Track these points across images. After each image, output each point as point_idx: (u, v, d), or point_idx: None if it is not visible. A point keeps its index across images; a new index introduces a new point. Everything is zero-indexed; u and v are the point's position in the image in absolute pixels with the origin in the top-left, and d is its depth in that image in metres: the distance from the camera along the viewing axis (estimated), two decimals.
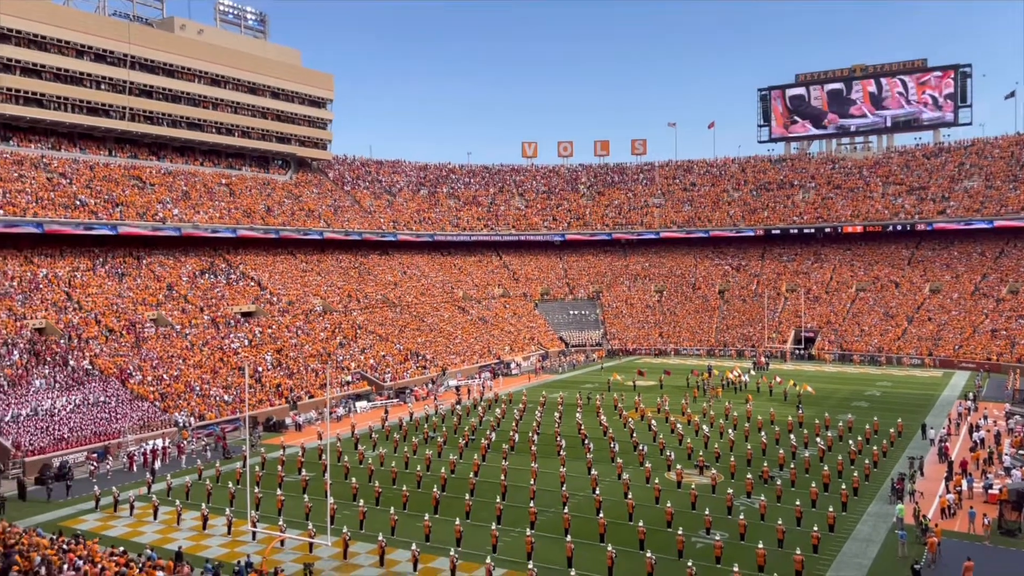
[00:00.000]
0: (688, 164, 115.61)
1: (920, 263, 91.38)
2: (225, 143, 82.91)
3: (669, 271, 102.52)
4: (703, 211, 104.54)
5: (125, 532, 31.99)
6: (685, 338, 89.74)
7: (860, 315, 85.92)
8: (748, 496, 34.46)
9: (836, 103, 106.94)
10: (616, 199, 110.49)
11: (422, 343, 75.24)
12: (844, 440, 44.41)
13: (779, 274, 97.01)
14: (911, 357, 76.82)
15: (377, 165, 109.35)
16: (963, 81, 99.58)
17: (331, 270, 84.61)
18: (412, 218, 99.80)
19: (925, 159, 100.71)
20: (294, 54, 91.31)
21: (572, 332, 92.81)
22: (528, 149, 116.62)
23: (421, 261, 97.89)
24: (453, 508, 32.80)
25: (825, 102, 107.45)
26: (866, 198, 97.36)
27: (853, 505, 33.33)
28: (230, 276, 72.52)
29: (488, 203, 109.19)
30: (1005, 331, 75.08)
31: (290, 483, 37.90)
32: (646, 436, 46.27)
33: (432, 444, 45.53)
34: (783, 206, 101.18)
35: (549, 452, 42.78)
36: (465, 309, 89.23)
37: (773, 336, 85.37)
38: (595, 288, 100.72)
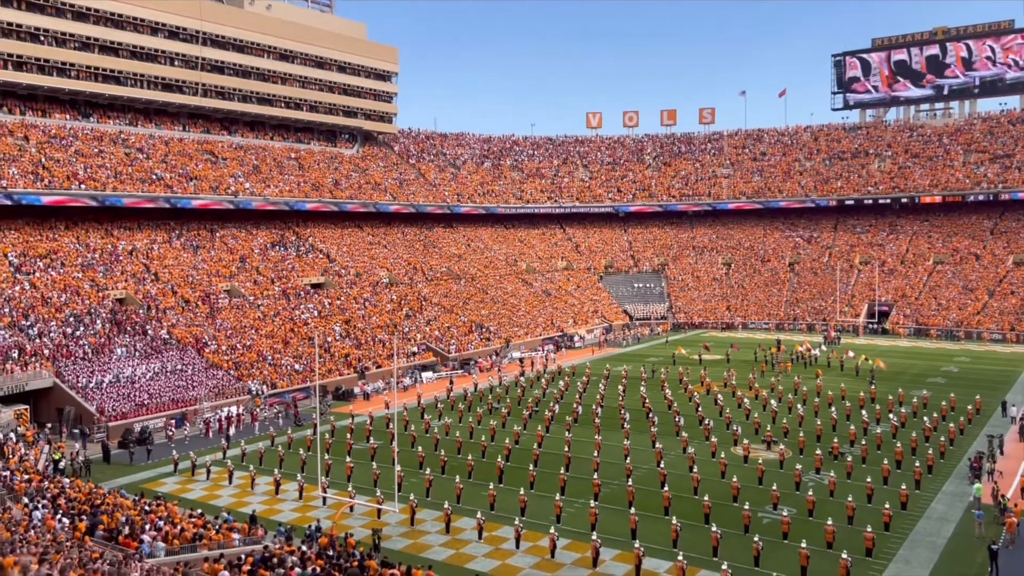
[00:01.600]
0: (758, 133, 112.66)
1: (1003, 234, 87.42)
2: (293, 117, 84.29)
3: (737, 243, 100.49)
4: (773, 181, 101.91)
5: (202, 495, 33.28)
6: (753, 311, 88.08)
7: (937, 288, 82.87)
8: (817, 472, 33.82)
9: (916, 68, 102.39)
10: (683, 170, 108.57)
11: (486, 315, 75.71)
12: (919, 417, 43.08)
13: (852, 246, 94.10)
14: (992, 332, 73.87)
15: (441, 138, 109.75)
16: None
17: (397, 243, 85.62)
18: (476, 191, 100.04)
19: (1011, 125, 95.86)
20: (359, 27, 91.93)
21: (636, 305, 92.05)
22: (592, 120, 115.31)
23: (485, 234, 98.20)
24: (517, 478, 33.11)
25: (905, 66, 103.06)
26: (946, 167, 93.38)
27: (927, 483, 32.43)
28: (300, 248, 74.08)
29: (552, 175, 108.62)
30: None
31: (359, 451, 38.79)
32: (712, 410, 45.74)
33: (496, 415, 45.95)
34: (857, 176, 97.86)
35: (613, 425, 42.72)
36: (528, 282, 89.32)
37: (845, 310, 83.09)
38: (660, 261, 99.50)
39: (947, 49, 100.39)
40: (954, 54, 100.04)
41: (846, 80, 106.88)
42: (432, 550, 26.79)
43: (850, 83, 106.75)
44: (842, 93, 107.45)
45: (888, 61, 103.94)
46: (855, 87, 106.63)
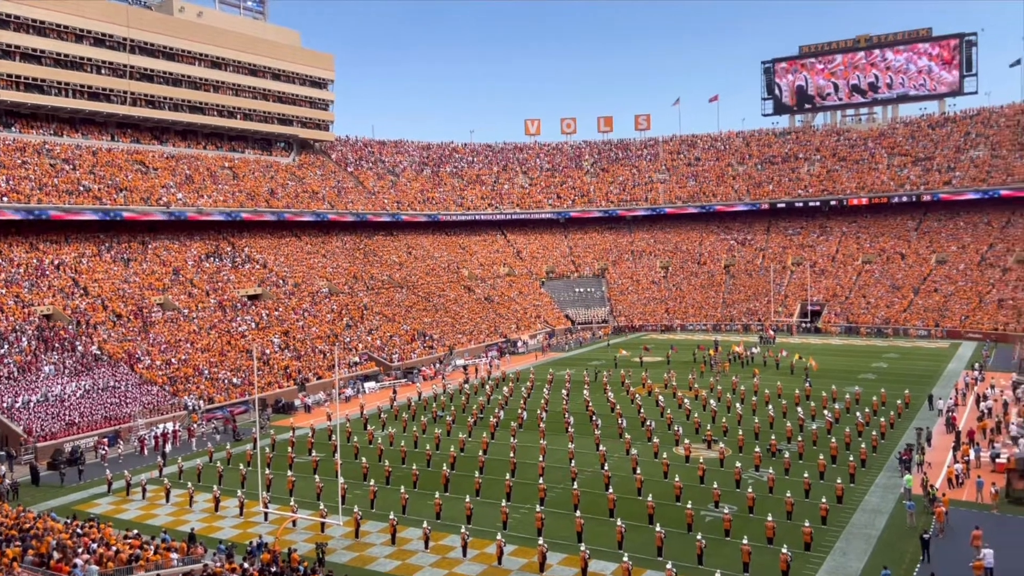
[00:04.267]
0: (692, 139, 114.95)
1: (926, 234, 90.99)
2: (227, 126, 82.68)
3: (674, 247, 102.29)
4: (708, 186, 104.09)
5: (138, 515, 32.31)
6: (691, 313, 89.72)
7: (866, 287, 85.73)
8: (756, 469, 34.60)
9: (840, 75, 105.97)
10: (620, 175, 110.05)
11: (428, 323, 75.39)
12: (851, 412, 44.45)
13: (785, 248, 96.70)
14: (917, 328, 76.73)
15: (380, 145, 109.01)
16: (968, 50, 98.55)
17: (336, 252, 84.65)
18: (416, 198, 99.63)
19: (930, 129, 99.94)
20: (293, 35, 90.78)
21: (578, 309, 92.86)
22: (531, 127, 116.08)
23: (426, 241, 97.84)
24: (463, 486, 33.03)
25: (829, 74, 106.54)
26: (871, 170, 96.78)
27: (861, 476, 33.47)
28: (235, 259, 72.62)
29: (492, 182, 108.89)
30: (1012, 301, 74.87)
31: (301, 464, 38.18)
32: (654, 411, 46.43)
33: (441, 423, 45.78)
34: (788, 179, 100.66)
35: (557, 429, 42.97)
36: (471, 288, 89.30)
37: (779, 310, 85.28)
38: (600, 265, 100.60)
39: (870, 56, 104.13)
40: (877, 60, 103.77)
41: (775, 87, 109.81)
42: (378, 562, 26.53)
43: (780, 88, 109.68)
44: (772, 99, 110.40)
45: (815, 67, 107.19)
46: (785, 94, 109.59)
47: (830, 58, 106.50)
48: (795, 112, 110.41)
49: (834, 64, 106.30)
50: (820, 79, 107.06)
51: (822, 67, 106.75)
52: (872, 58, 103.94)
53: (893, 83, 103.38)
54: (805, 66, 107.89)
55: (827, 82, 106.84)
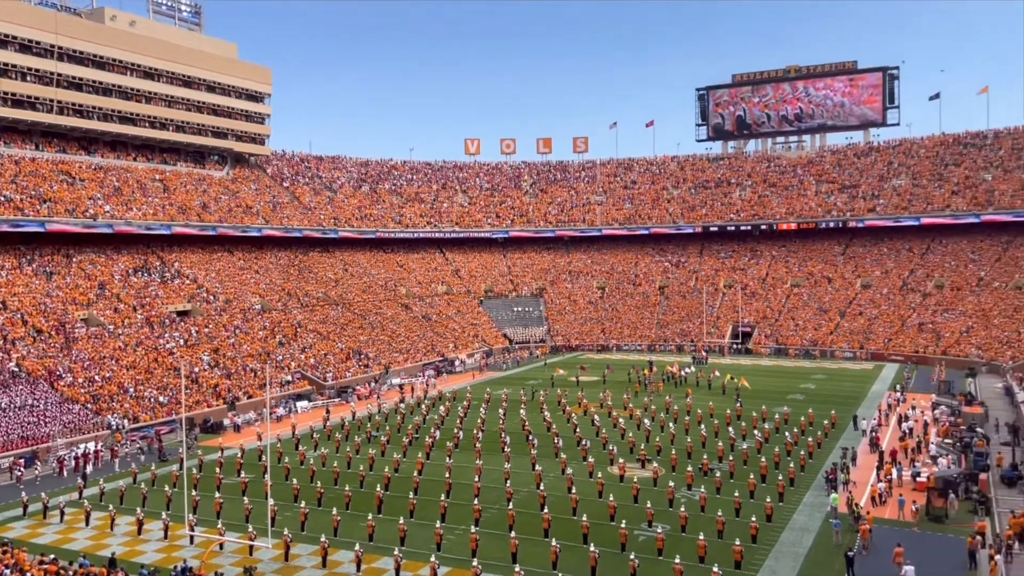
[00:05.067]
0: (629, 162, 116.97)
1: (852, 259, 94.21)
2: (159, 138, 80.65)
3: (611, 268, 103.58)
4: (643, 208, 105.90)
5: (55, 539, 30.90)
6: (626, 334, 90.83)
7: (795, 310, 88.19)
8: (689, 488, 35.07)
9: (771, 103, 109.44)
10: (559, 196, 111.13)
11: (364, 341, 74.50)
12: (781, 432, 45.52)
13: (717, 270, 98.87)
14: (843, 350, 79.18)
15: (317, 161, 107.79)
16: (890, 83, 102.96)
17: (270, 268, 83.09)
18: (353, 215, 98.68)
19: (856, 158, 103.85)
20: (230, 47, 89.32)
21: (516, 329, 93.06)
22: (471, 146, 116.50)
23: (363, 258, 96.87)
24: (397, 507, 32.58)
25: (761, 102, 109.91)
26: (800, 196, 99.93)
27: (789, 495, 34.20)
28: (164, 274, 70.63)
29: (431, 200, 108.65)
30: (931, 324, 77.99)
31: (229, 485, 37.13)
32: (589, 431, 46.70)
33: (375, 443, 45.16)
34: (721, 204, 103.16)
35: (494, 449, 42.81)
36: (408, 306, 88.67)
37: (712, 331, 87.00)
38: (539, 285, 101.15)
39: (799, 86, 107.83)
40: (805, 90, 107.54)
41: (709, 113, 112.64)
42: None
43: (714, 115, 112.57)
44: (705, 125, 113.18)
45: (747, 95, 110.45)
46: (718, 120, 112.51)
47: (761, 87, 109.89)
48: (728, 139, 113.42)
49: (765, 96, 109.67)
50: (754, 109, 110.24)
51: (756, 99, 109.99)
52: (800, 88, 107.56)
53: (820, 113, 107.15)
54: (738, 94, 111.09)
55: (760, 112, 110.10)
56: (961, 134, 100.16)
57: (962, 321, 76.55)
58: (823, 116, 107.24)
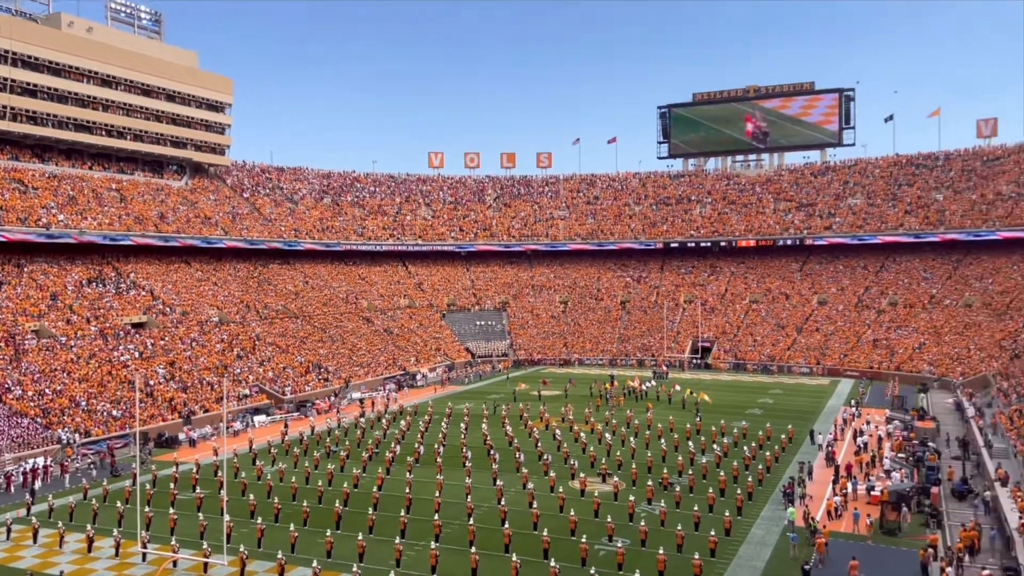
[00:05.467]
0: (592, 178, 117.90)
1: (809, 276, 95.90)
2: (116, 146, 79.23)
3: (573, 282, 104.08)
4: (606, 224, 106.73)
5: (2, 557, 29.93)
6: (589, 348, 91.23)
7: (753, 325, 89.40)
8: (649, 503, 35.24)
9: (731, 122, 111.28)
10: (522, 211, 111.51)
11: (324, 355, 73.75)
12: (739, 446, 46.02)
13: (678, 286, 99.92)
14: (800, 366, 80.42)
15: (278, 172, 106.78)
16: (846, 104, 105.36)
17: (229, 279, 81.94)
18: (315, 226, 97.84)
19: (813, 177, 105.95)
20: (191, 56, 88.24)
21: (479, 342, 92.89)
22: (435, 159, 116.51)
23: (324, 271, 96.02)
24: (356, 523, 32.20)
25: (721, 120, 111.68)
26: (758, 213, 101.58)
27: (748, 509, 34.53)
28: (120, 285, 69.24)
29: (394, 212, 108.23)
30: (885, 341, 79.63)
31: (183, 501, 36.38)
32: (551, 445, 46.72)
33: (334, 458, 44.65)
34: (681, 220, 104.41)
35: (455, 464, 42.59)
36: (370, 320, 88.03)
37: (672, 346, 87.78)
38: (501, 299, 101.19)
39: (758, 105, 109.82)
40: (764, 110, 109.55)
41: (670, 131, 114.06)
42: None
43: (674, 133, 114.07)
44: (667, 142, 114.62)
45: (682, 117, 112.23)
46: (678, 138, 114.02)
47: (721, 106, 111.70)
48: (689, 156, 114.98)
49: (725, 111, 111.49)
50: (713, 124, 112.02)
51: (714, 113, 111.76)
52: (760, 107, 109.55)
53: (779, 132, 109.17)
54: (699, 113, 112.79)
55: (719, 129, 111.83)
56: (914, 155, 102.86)
57: (915, 338, 78.30)
58: (781, 135, 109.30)
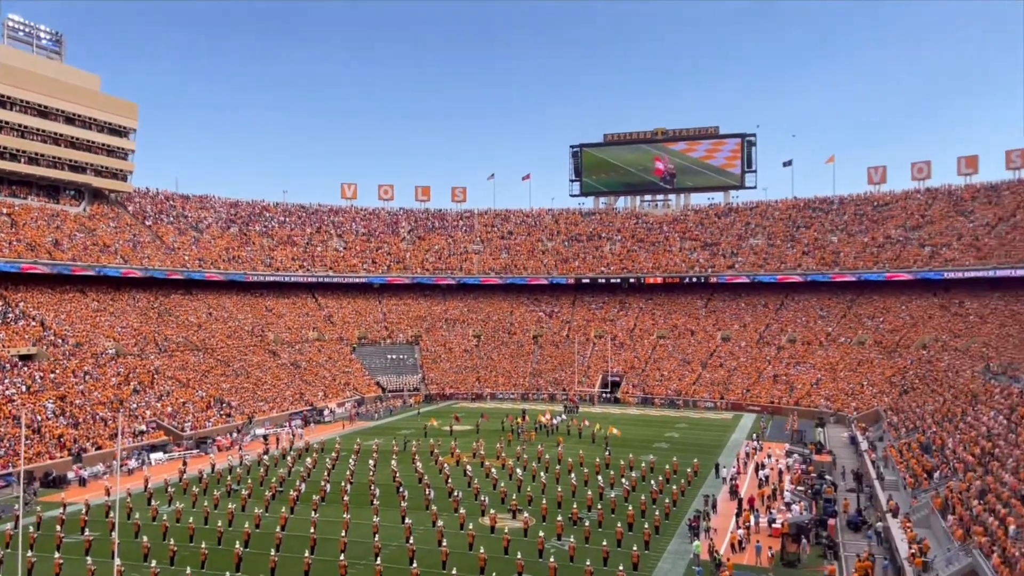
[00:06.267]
0: (506, 213, 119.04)
1: (713, 313, 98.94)
2: (8, 169, 75.36)
3: (487, 316, 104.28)
4: (519, 259, 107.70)
5: None
6: (501, 382, 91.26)
7: (660, 360, 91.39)
8: (558, 538, 35.22)
9: (640, 163, 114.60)
10: (436, 244, 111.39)
11: (227, 389, 71.29)
12: (647, 480, 46.65)
13: (588, 321, 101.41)
14: (705, 400, 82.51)
15: (183, 199, 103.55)
16: (748, 148, 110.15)
17: (127, 310, 78.52)
18: (220, 256, 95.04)
19: (717, 218, 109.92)
20: (93, 79, 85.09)
21: (390, 377, 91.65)
22: (348, 190, 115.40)
23: (229, 302, 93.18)
24: (257, 565, 30.99)
25: (631, 161, 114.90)
26: (666, 251, 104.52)
27: (655, 543, 34.93)
28: (7, 315, 65.37)
29: (304, 243, 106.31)
30: (785, 376, 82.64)
31: (70, 544, 34.22)
32: (461, 481, 46.25)
33: (235, 497, 42.98)
34: (592, 257, 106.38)
35: (362, 502, 41.63)
36: (276, 353, 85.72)
37: (583, 380, 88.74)
38: (414, 332, 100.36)
39: (665, 147, 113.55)
40: (672, 152, 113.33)
41: (582, 169, 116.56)
42: None
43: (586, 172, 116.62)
44: (579, 181, 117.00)
45: (593, 157, 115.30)
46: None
47: (631, 147, 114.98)
48: (600, 194, 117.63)
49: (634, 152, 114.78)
50: (622, 165, 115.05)
51: (623, 155, 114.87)
52: (667, 150, 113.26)
53: (685, 174, 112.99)
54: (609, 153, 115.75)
55: (628, 169, 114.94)
56: (811, 199, 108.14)
57: (812, 374, 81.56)
58: (688, 177, 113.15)
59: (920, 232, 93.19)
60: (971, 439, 40.65)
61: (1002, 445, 37.08)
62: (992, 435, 39.77)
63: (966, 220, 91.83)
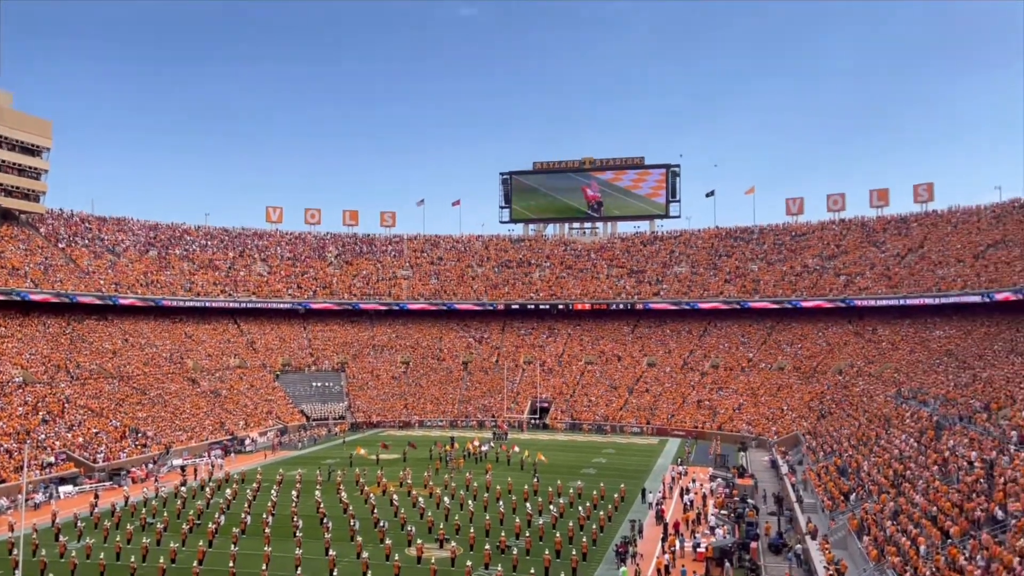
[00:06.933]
0: (436, 239, 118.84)
1: (639, 339, 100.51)
2: None
3: (415, 342, 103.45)
4: (449, 285, 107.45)
5: None
6: (430, 409, 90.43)
7: (589, 386, 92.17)
8: (486, 567, 34.89)
9: (569, 191, 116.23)
10: (364, 269, 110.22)
11: (143, 418, 68.63)
12: (575, 507, 46.74)
13: (518, 347, 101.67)
14: (632, 425, 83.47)
15: (99, 222, 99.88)
16: (673, 179, 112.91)
17: (36, 336, 74.98)
18: (138, 280, 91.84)
19: (643, 246, 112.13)
20: (4, 96, 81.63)
21: (314, 405, 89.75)
22: (273, 214, 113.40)
23: (147, 328, 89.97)
24: None
25: (560, 189, 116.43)
26: (593, 278, 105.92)
27: (583, 570, 34.94)
28: None
29: (227, 268, 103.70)
30: (708, 401, 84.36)
31: None
32: (387, 511, 45.45)
33: (150, 531, 41.23)
34: (522, 283, 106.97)
35: (284, 534, 40.45)
36: (196, 380, 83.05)
37: (512, 406, 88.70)
38: (340, 359, 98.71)
39: (593, 176, 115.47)
40: (600, 181, 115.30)
41: (511, 196, 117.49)
42: None
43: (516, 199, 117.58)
44: (508, 208, 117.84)
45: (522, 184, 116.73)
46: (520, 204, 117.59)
47: (559, 175, 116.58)
48: (529, 221, 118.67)
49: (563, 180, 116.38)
50: (550, 192, 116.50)
51: (552, 183, 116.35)
52: (595, 178, 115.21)
53: (612, 202, 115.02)
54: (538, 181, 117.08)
55: (556, 197, 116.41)
56: (732, 228, 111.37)
57: (734, 399, 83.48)
58: (615, 206, 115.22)
59: (835, 261, 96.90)
60: (884, 461, 42.17)
61: (913, 467, 38.57)
62: (904, 457, 41.35)
63: (878, 250, 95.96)
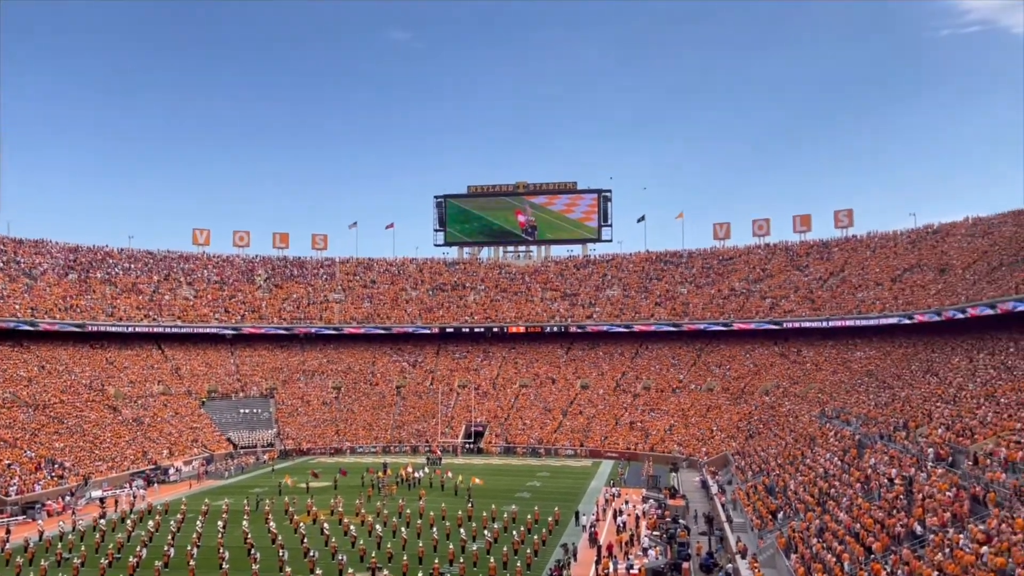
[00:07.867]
0: (369, 262, 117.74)
1: (573, 361, 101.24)
2: None
3: (348, 367, 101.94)
4: (383, 308, 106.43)
5: None
6: (362, 435, 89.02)
7: (523, 409, 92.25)
8: None
9: (503, 215, 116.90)
10: (295, 293, 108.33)
11: (60, 449, 65.74)
12: (509, 531, 46.53)
13: (452, 370, 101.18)
14: (566, 448, 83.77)
15: (15, 244, 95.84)
16: (605, 204, 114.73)
17: None
18: (56, 305, 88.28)
19: (576, 269, 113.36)
20: None
21: (242, 432, 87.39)
22: (199, 236, 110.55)
23: (65, 354, 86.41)
24: None
25: (494, 213, 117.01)
26: (528, 301, 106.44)
27: None
28: None
29: (151, 291, 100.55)
30: (640, 423, 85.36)
31: None
32: (318, 541, 44.44)
33: (66, 567, 39.37)
34: (456, 306, 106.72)
35: (210, 566, 39.12)
36: (117, 408, 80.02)
37: (446, 431, 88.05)
38: (269, 385, 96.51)
39: (527, 200, 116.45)
40: (534, 205, 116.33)
41: (446, 220, 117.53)
42: None
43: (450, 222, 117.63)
44: (443, 231, 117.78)
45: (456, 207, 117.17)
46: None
47: (492, 199, 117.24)
48: (463, 245, 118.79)
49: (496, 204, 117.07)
50: (484, 216, 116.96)
51: (485, 206, 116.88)
52: (528, 202, 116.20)
53: (545, 226, 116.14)
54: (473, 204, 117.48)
55: (490, 221, 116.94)
56: (662, 252, 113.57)
57: (665, 420, 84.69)
58: (548, 230, 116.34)
59: (761, 285, 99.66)
60: (810, 480, 43.31)
61: (837, 485, 39.71)
62: (828, 475, 42.55)
63: (801, 274, 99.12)
